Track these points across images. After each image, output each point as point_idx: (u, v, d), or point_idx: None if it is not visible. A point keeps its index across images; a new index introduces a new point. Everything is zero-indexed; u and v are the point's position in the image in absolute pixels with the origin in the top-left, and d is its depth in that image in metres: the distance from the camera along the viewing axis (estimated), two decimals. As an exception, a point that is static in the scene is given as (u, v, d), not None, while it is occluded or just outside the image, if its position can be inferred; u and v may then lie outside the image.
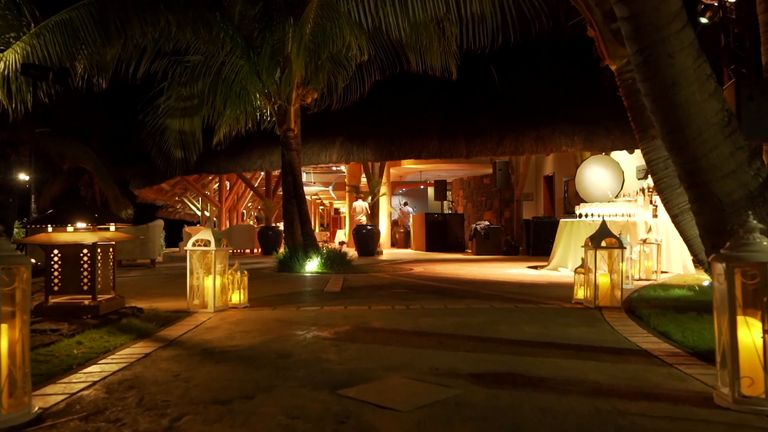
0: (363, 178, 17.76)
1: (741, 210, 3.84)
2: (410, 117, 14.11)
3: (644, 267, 7.44)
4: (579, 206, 9.20)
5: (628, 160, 12.64)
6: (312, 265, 8.83)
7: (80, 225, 4.21)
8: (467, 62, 9.37)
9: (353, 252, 13.47)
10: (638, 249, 7.40)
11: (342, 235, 23.33)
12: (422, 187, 25.54)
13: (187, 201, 25.87)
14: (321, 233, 26.79)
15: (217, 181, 21.51)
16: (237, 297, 4.89)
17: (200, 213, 25.47)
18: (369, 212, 15.32)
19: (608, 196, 10.12)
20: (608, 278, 4.76)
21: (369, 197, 15.27)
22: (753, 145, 4.48)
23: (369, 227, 14.41)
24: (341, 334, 3.60)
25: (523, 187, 16.97)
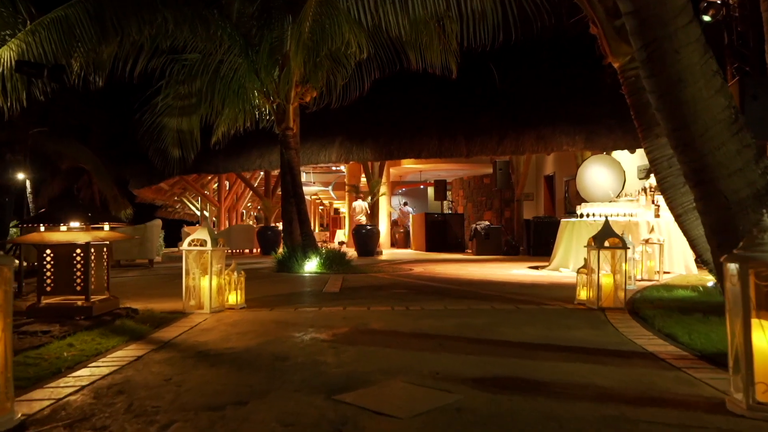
0: (363, 178, 17.68)
1: (748, 209, 3.75)
2: (410, 116, 14.02)
3: (646, 267, 7.37)
4: (580, 206, 9.10)
5: (630, 160, 12.57)
6: (311, 266, 8.75)
7: (73, 224, 4.12)
8: (467, 60, 9.29)
9: (353, 252, 13.39)
10: (640, 249, 7.32)
11: (341, 235, 23.26)
12: (422, 187, 25.46)
13: (187, 201, 25.79)
14: (320, 233, 26.72)
15: (217, 181, 21.43)
16: (234, 298, 4.82)
17: (199, 213, 25.39)
18: (368, 212, 15.23)
19: (610, 196, 10.03)
20: (611, 279, 4.67)
21: (368, 197, 15.19)
22: (758, 144, 4.39)
23: (368, 227, 14.33)
24: (339, 336, 3.52)
25: (524, 187, 16.90)
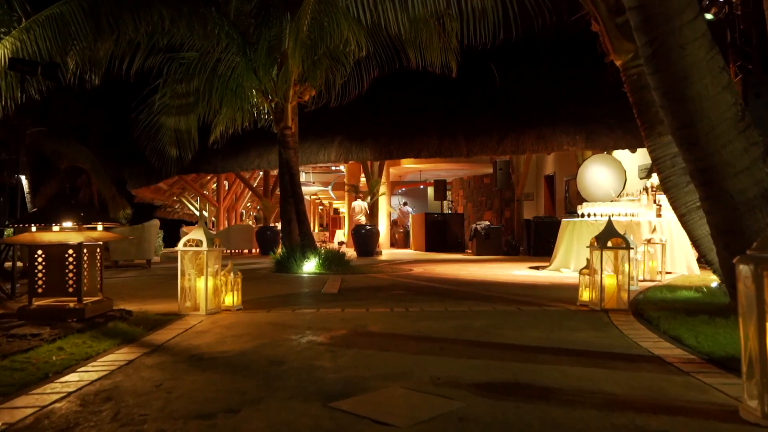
0: (362, 178, 17.59)
1: (755, 208, 3.67)
2: (410, 115, 13.93)
3: (648, 268, 7.30)
4: (581, 206, 9.02)
5: (630, 159, 12.50)
6: (310, 266, 8.67)
7: (65, 224, 4.04)
8: (468, 59, 9.21)
9: (352, 252, 13.30)
10: (642, 249, 7.24)
11: (341, 235, 23.17)
12: (422, 187, 25.38)
13: (186, 201, 25.70)
14: (320, 233, 26.63)
15: (216, 181, 21.34)
16: (230, 299, 4.73)
17: (198, 213, 25.31)
18: (368, 212, 15.15)
19: (611, 196, 9.96)
20: (614, 279, 4.59)
21: (368, 197, 15.11)
22: (766, 143, 4.31)
23: (368, 227, 14.25)
24: (337, 339, 3.43)
25: (524, 187, 16.82)
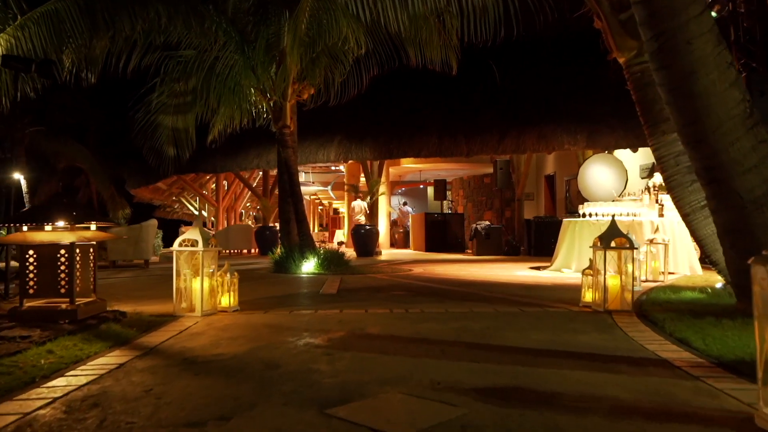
0: (362, 178, 17.51)
1: (764, 207, 3.58)
2: (409, 114, 13.84)
3: (651, 268, 7.22)
4: (583, 205, 8.93)
5: (631, 159, 12.40)
6: (308, 266, 8.58)
7: (57, 223, 3.95)
8: (468, 57, 9.13)
9: (351, 252, 13.21)
10: (645, 249, 7.16)
11: (341, 235, 23.08)
12: (422, 187, 25.28)
13: (185, 201, 25.61)
14: (320, 233, 26.55)
15: (215, 181, 21.25)
16: (227, 300, 4.64)
17: (198, 213, 25.24)
18: (368, 212, 15.06)
19: (613, 195, 9.87)
20: (618, 280, 4.50)
21: (368, 197, 15.02)
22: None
23: (368, 227, 14.16)
24: (335, 341, 3.34)
25: (524, 187, 16.73)
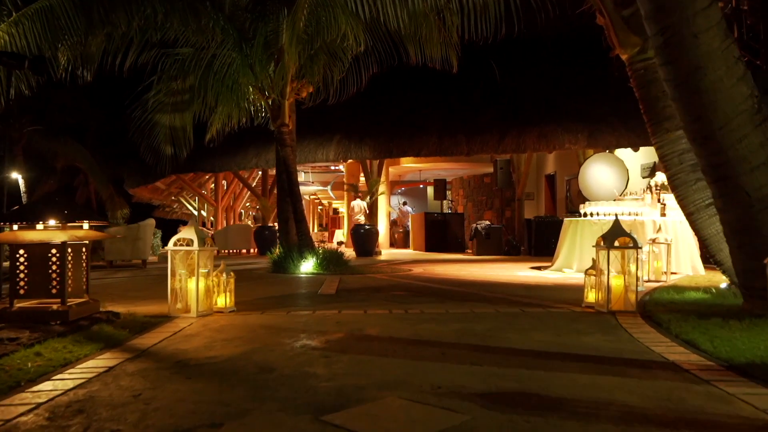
0: (361, 177, 17.42)
1: (772, 206, 3.50)
2: (409, 113, 13.74)
3: (653, 268, 7.13)
4: (584, 205, 8.84)
5: (632, 158, 12.33)
6: (307, 266, 8.49)
7: (49, 222, 3.86)
8: (468, 56, 9.04)
9: (351, 252, 13.13)
10: (647, 249, 7.07)
11: (340, 235, 23.00)
12: (421, 187, 25.20)
13: (184, 200, 25.52)
14: (319, 233, 26.47)
15: (214, 181, 21.16)
16: (223, 300, 4.56)
17: (196, 212, 25.15)
18: (367, 212, 14.97)
19: (614, 195, 9.78)
20: (621, 280, 4.42)
21: (367, 196, 14.93)
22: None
23: (367, 227, 14.07)
24: (332, 343, 3.25)
25: (525, 186, 16.64)
